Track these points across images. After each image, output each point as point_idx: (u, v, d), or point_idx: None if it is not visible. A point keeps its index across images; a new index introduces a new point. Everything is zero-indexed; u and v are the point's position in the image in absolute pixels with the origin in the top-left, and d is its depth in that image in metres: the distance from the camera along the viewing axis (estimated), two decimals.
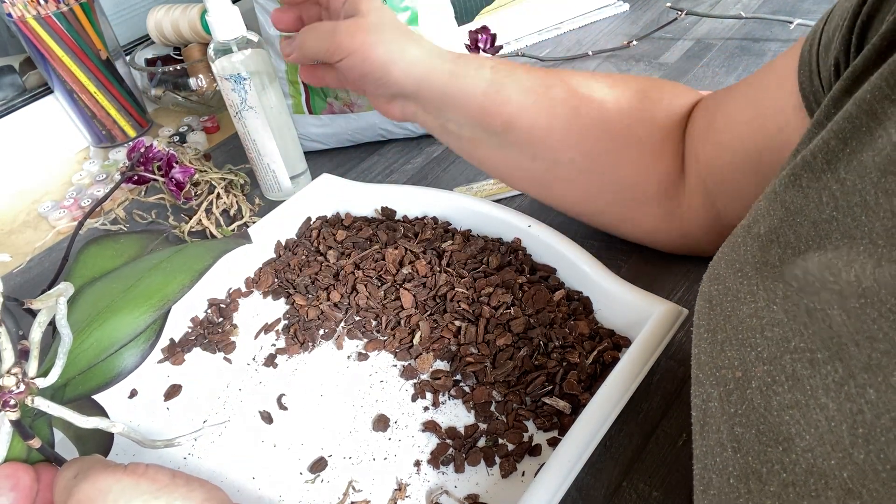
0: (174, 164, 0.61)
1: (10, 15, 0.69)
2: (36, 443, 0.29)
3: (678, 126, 0.44)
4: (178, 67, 0.79)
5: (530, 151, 0.44)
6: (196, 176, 0.64)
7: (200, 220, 0.62)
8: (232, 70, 0.55)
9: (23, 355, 0.29)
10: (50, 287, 0.39)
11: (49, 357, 0.30)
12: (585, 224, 0.51)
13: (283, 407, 0.44)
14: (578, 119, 0.42)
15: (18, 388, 0.28)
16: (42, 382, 0.29)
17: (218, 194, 0.64)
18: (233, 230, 0.61)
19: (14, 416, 0.28)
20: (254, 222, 0.60)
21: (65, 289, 0.28)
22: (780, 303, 0.23)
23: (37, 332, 0.29)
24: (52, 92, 0.78)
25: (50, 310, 0.29)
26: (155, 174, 0.60)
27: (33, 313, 0.33)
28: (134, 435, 0.31)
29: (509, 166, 0.46)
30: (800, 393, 0.21)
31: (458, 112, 0.43)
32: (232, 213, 0.64)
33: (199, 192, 0.65)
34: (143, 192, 0.69)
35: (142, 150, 0.59)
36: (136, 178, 0.61)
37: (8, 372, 0.28)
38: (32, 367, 0.29)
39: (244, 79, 0.56)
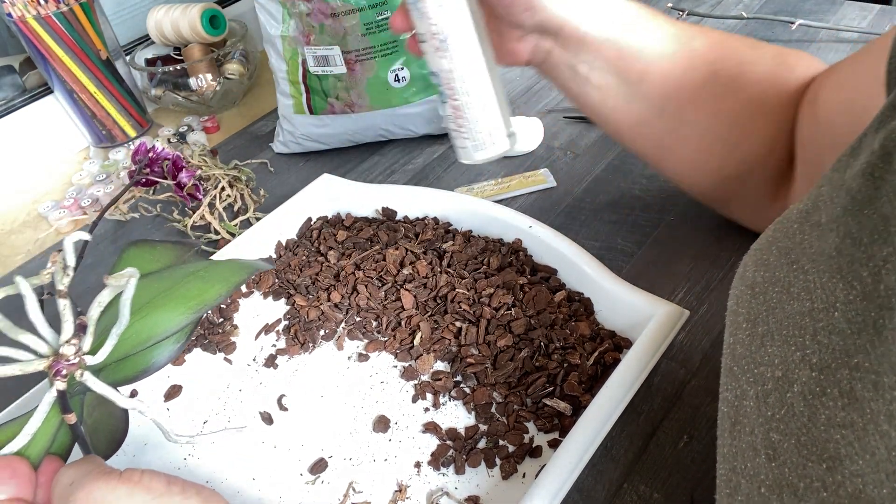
0: (182, 168, 0.61)
1: (10, 15, 0.69)
2: (72, 418, 0.30)
3: None
4: (178, 67, 0.79)
5: (659, 105, 0.42)
6: (200, 172, 0.64)
7: (203, 215, 0.62)
8: None
9: (80, 329, 0.30)
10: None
11: (98, 337, 0.30)
12: (586, 224, 0.50)
13: (283, 408, 0.44)
14: (715, 77, 0.41)
15: (74, 359, 0.30)
16: (91, 360, 0.30)
17: (222, 188, 0.64)
18: (236, 225, 0.61)
19: (62, 385, 0.29)
20: (258, 218, 0.60)
21: (133, 272, 0.29)
22: (841, 308, 0.21)
23: (95, 311, 0.30)
24: (52, 92, 0.77)
25: (113, 290, 0.30)
26: (164, 174, 0.60)
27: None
28: (162, 425, 0.33)
29: (634, 122, 0.44)
30: (857, 414, 0.19)
31: (594, 54, 0.41)
32: (236, 208, 0.64)
33: (206, 187, 0.65)
34: (151, 192, 0.69)
35: (148, 154, 0.58)
36: (143, 180, 0.61)
37: (67, 342, 0.30)
38: (87, 342, 0.30)
39: None
